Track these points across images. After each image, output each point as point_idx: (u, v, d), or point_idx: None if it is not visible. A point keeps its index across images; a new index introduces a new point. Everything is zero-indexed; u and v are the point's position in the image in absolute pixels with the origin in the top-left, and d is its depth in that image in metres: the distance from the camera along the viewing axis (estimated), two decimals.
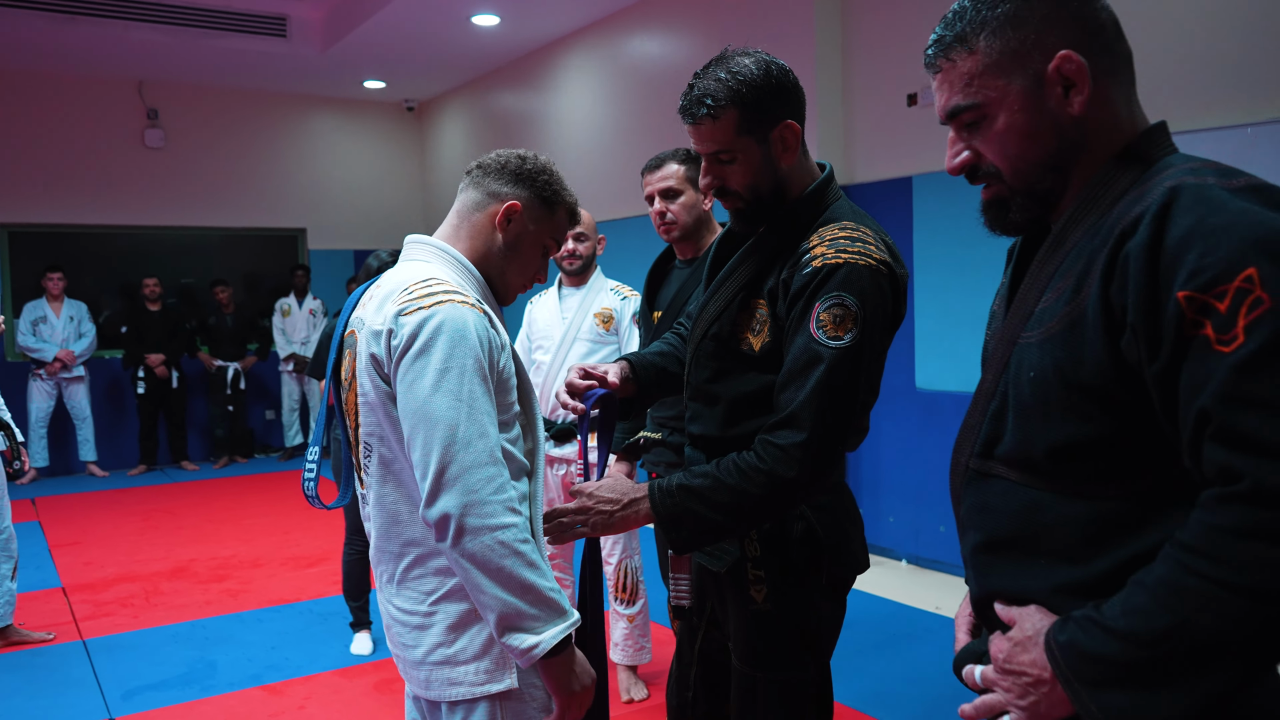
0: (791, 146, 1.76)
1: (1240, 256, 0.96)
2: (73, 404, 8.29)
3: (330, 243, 9.99)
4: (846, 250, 1.67)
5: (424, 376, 1.51)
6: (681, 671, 2.08)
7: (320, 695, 3.71)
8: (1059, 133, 1.17)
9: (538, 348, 3.65)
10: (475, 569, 1.48)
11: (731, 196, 1.78)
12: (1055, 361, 1.11)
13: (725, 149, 1.72)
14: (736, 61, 1.72)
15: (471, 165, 1.77)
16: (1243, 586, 0.95)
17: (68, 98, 8.71)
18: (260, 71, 8.76)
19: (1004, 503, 1.19)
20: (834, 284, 1.63)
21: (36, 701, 3.69)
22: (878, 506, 5.42)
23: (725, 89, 1.69)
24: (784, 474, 1.61)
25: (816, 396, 1.61)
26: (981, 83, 1.17)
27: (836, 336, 1.62)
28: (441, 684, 1.60)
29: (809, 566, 1.81)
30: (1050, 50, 1.14)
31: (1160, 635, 0.99)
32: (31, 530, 6.45)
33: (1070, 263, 1.13)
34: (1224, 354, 0.96)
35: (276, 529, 6.40)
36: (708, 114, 1.69)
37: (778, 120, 1.72)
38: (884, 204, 5.24)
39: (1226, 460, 0.97)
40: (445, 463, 1.48)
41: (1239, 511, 0.96)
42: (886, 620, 4.38)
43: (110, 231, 9.06)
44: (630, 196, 6.60)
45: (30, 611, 4.71)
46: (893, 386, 5.29)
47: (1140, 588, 1.03)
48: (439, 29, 7.45)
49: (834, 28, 5.38)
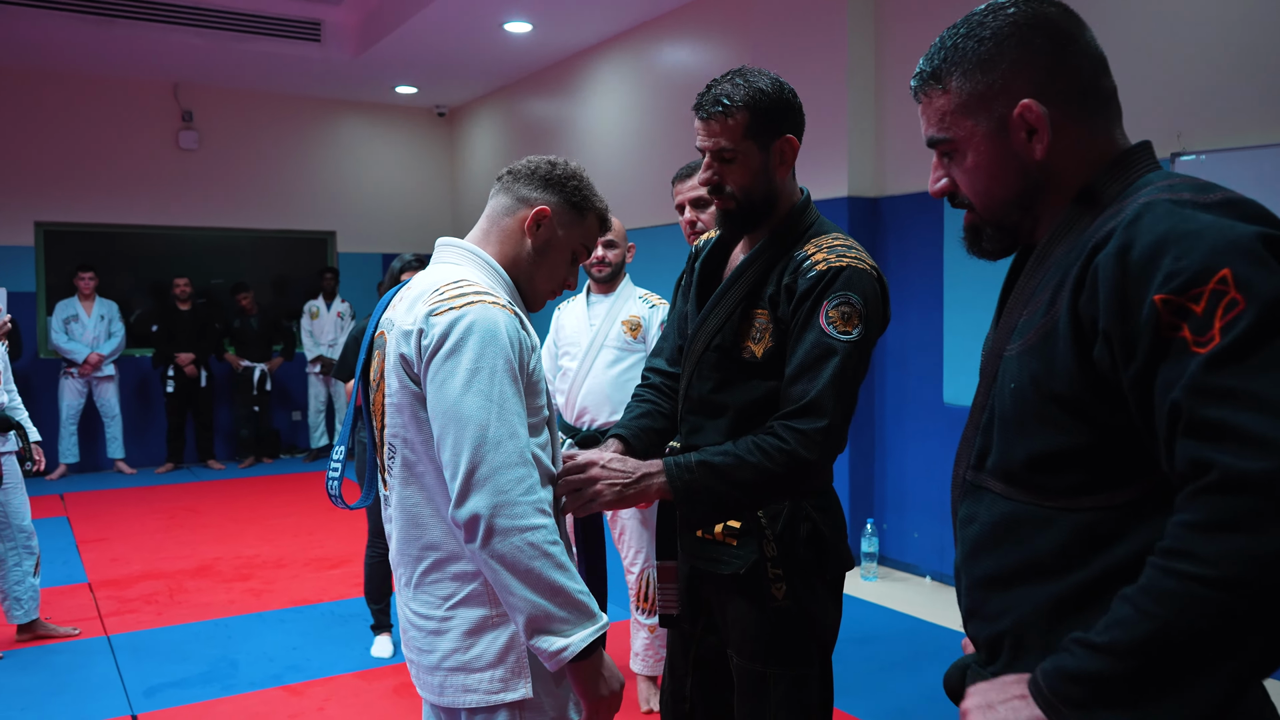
0: (788, 160, 1.89)
1: (1214, 259, 0.97)
2: (102, 402, 8.39)
3: (359, 246, 10.06)
4: (846, 255, 1.81)
5: (455, 376, 1.51)
6: (675, 684, 2.09)
7: (340, 697, 3.72)
8: (1024, 174, 1.20)
9: (564, 354, 3.65)
10: (505, 570, 1.48)
11: (725, 196, 1.88)
12: (1031, 373, 1.13)
13: (730, 148, 1.84)
14: (754, 73, 1.86)
15: (503, 171, 1.78)
16: (1220, 580, 0.93)
17: (104, 99, 8.82)
18: (294, 76, 8.84)
19: (989, 514, 1.19)
20: (840, 285, 1.77)
21: (61, 697, 3.72)
22: (902, 522, 5.38)
23: (741, 93, 1.82)
24: (806, 456, 1.73)
25: (833, 385, 1.74)
26: (953, 120, 1.22)
27: (846, 331, 1.76)
28: (456, 690, 1.59)
29: (816, 565, 1.90)
30: (1015, 96, 1.17)
31: (1142, 642, 0.96)
32: (59, 525, 6.52)
33: (1050, 277, 1.15)
34: (1200, 355, 0.96)
35: (300, 530, 6.43)
36: (722, 111, 1.82)
37: (781, 133, 1.86)
38: (915, 217, 5.21)
39: (1197, 453, 0.96)
40: (475, 463, 1.48)
41: (1210, 503, 0.95)
42: (909, 637, 4.35)
43: (143, 232, 9.17)
44: (660, 205, 6.59)
45: (57, 606, 4.75)
46: (920, 401, 5.25)
47: (1123, 600, 1.00)
48: (471, 36, 7.50)
49: (867, 38, 5.36)
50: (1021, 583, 1.15)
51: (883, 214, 5.40)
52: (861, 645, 4.20)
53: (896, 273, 5.32)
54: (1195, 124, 3.97)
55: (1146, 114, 4.04)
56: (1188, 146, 3.96)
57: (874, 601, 4.84)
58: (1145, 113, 4.05)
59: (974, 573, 1.22)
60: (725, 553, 1.90)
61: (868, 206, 5.38)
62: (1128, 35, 4.15)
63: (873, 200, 5.40)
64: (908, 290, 5.26)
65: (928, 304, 5.17)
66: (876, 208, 5.42)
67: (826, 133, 5.35)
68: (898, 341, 5.34)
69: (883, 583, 5.17)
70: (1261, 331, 0.95)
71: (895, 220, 5.34)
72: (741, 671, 1.91)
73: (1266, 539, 0.91)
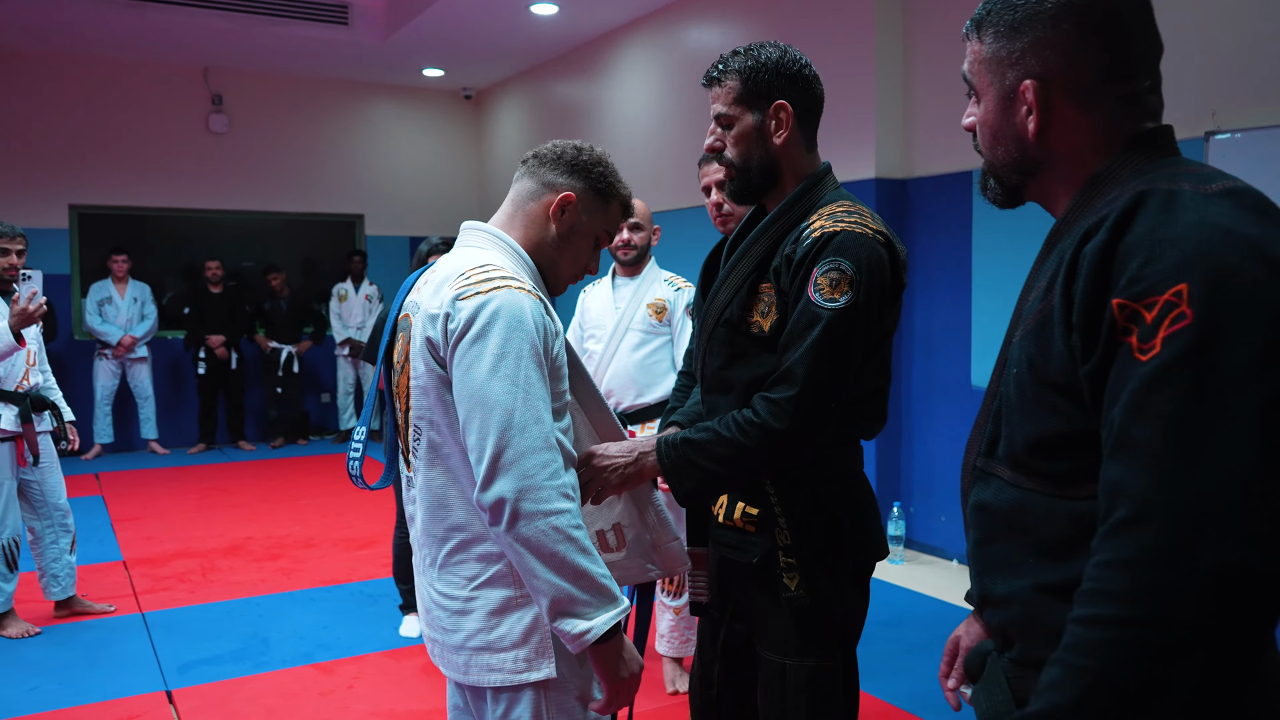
0: (784, 125, 1.86)
1: (1177, 271, 0.96)
2: (135, 383, 8.50)
3: (387, 229, 10.11)
4: (844, 220, 1.77)
5: (481, 361, 1.52)
6: (704, 669, 2.09)
7: (369, 675, 3.77)
8: (1019, 146, 1.21)
9: (590, 337, 3.66)
10: (529, 553, 1.49)
11: (725, 163, 1.91)
12: (1029, 356, 1.13)
13: (725, 113, 1.87)
14: (765, 44, 1.89)
15: (528, 155, 1.78)
16: (1139, 619, 0.92)
17: (136, 83, 8.91)
18: (322, 59, 8.88)
19: (996, 501, 1.19)
20: (831, 250, 1.74)
21: (97, 671, 3.79)
22: (929, 505, 5.37)
23: (736, 60, 1.87)
24: (775, 426, 1.71)
25: (810, 353, 1.70)
26: (977, 70, 1.25)
27: (832, 298, 1.71)
28: (481, 670, 1.61)
29: (835, 555, 1.86)
30: (1025, 72, 1.18)
31: (1080, 700, 0.95)
32: (95, 504, 6.63)
33: (1051, 262, 1.15)
34: (1141, 363, 0.97)
35: (329, 510, 6.50)
36: (717, 77, 1.88)
37: (773, 98, 1.85)
38: (944, 199, 5.17)
39: (1119, 476, 0.97)
40: (501, 447, 1.49)
41: (1126, 538, 0.95)
42: (935, 620, 4.34)
43: (174, 214, 9.26)
44: (687, 187, 6.58)
45: (93, 584, 4.84)
46: (948, 384, 5.23)
47: (1052, 663, 1.00)
48: (498, 18, 7.49)
49: (895, 19, 5.31)
50: (1027, 570, 1.14)
51: (910, 196, 5.36)
52: (888, 629, 4.20)
53: (924, 255, 5.28)
54: (1230, 102, 3.91)
55: (1181, 92, 3.98)
56: (1223, 125, 3.90)
57: (901, 585, 4.84)
58: (1179, 91, 3.98)
59: (983, 560, 1.22)
60: (745, 540, 1.89)
61: (896, 188, 5.35)
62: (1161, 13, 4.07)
63: (901, 182, 5.36)
64: (936, 272, 5.23)
65: (956, 286, 5.14)
66: (904, 189, 5.38)
67: (854, 114, 5.31)
68: (925, 324, 5.31)
69: (909, 566, 5.16)
70: (1199, 350, 0.94)
71: (923, 202, 5.30)
72: (763, 662, 1.91)
73: (1175, 571, 0.91)
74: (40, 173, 8.55)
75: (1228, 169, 3.52)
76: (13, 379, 4.08)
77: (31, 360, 4.17)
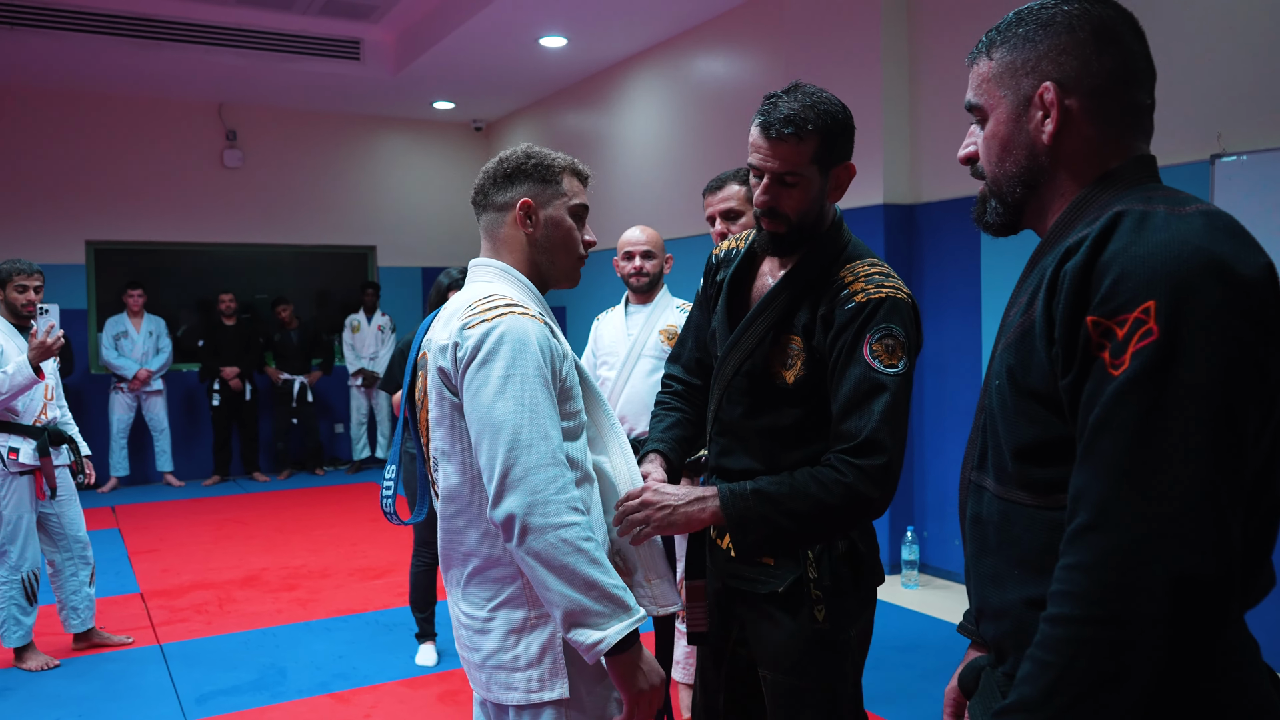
0: (842, 185, 1.85)
1: (1146, 289, 1.01)
2: (151, 416, 8.56)
3: (399, 260, 10.19)
4: (885, 285, 1.79)
5: (488, 384, 1.58)
6: (708, 698, 2.09)
7: (386, 704, 3.77)
8: (1030, 154, 1.23)
9: (603, 364, 3.69)
10: (540, 566, 1.54)
11: (780, 219, 1.83)
12: (1009, 367, 1.17)
13: (794, 171, 1.78)
14: (819, 93, 1.80)
15: (471, 197, 1.82)
16: (1103, 618, 0.99)
17: (151, 120, 9.04)
18: (334, 93, 9.00)
19: (988, 514, 1.23)
20: (881, 317, 1.75)
21: (116, 703, 3.81)
22: (942, 529, 5.36)
23: (815, 115, 1.76)
24: (867, 492, 1.71)
25: (887, 421, 1.72)
26: (986, 88, 1.26)
27: (892, 365, 1.74)
28: (500, 688, 1.67)
29: (852, 581, 1.90)
30: (1042, 76, 1.20)
31: (1047, 692, 1.02)
32: (112, 537, 6.66)
33: (1032, 279, 1.19)
34: (1112, 377, 1.02)
35: (344, 540, 6.52)
36: (794, 134, 1.75)
37: (844, 158, 1.83)
38: (951, 224, 5.20)
39: (1084, 483, 1.03)
40: (509, 465, 1.55)
41: (1087, 543, 1.01)
42: (949, 645, 4.32)
43: (189, 249, 9.36)
44: (695, 215, 6.63)
45: (111, 615, 4.86)
46: (959, 407, 5.24)
47: (1026, 659, 1.06)
48: (507, 51, 7.59)
49: (901, 46, 5.36)
50: (1016, 582, 1.18)
51: (918, 221, 5.40)
52: (902, 653, 4.18)
53: (933, 279, 5.31)
54: (1236, 125, 3.94)
55: (1187, 115, 4.02)
56: (1228, 147, 3.92)
57: (914, 609, 4.82)
58: (1184, 114, 4.02)
59: (979, 573, 1.25)
60: (761, 572, 1.90)
61: (903, 214, 5.38)
62: (1168, 35, 4.12)
63: (908, 207, 5.40)
64: (945, 296, 5.25)
65: (965, 310, 5.16)
66: (912, 215, 5.41)
67: (861, 140, 5.31)
68: (936, 348, 5.32)
69: (924, 590, 5.15)
70: (1162, 365, 0.99)
71: (931, 227, 5.33)
72: (774, 685, 1.91)
73: (1131, 574, 0.97)
74: (57, 209, 8.66)
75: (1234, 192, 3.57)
76: (31, 413, 4.13)
77: (49, 394, 4.22)
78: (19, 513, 4.11)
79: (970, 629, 1.47)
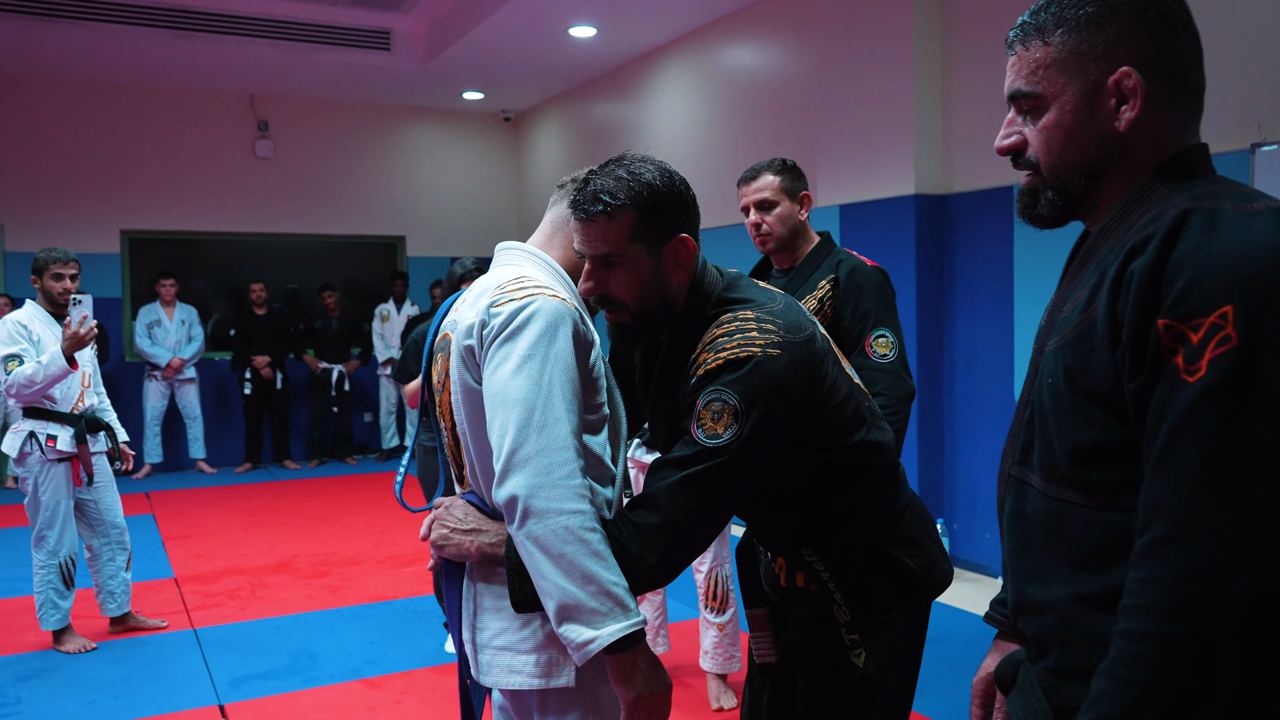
0: (684, 263, 1.68)
1: (1221, 292, 0.98)
2: (184, 404, 8.67)
3: (428, 250, 10.24)
4: (724, 349, 1.60)
5: (508, 361, 1.53)
6: (753, 698, 2.06)
7: (417, 691, 3.80)
8: (1101, 143, 1.18)
9: None
10: (538, 552, 1.46)
11: (615, 306, 1.68)
12: (1066, 367, 1.14)
13: (615, 252, 1.63)
14: (639, 163, 1.66)
15: (565, 179, 1.79)
16: (1187, 634, 0.96)
17: (184, 110, 9.13)
18: (364, 84, 9.04)
19: (1033, 510, 1.20)
20: (717, 382, 1.58)
21: (151, 686, 3.87)
22: (972, 523, 5.32)
23: (625, 189, 1.61)
24: (637, 552, 1.54)
25: (685, 485, 1.55)
26: (1045, 75, 1.19)
27: (715, 433, 1.56)
28: (502, 670, 1.61)
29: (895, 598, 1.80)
30: (1115, 62, 1.16)
31: (1126, 712, 1.00)
32: (146, 523, 6.76)
33: (1090, 275, 1.16)
34: (1187, 384, 0.99)
35: (374, 528, 6.58)
36: (604, 211, 1.60)
37: (673, 233, 1.66)
38: (984, 214, 5.15)
39: (1160, 493, 1.00)
40: (518, 444, 1.48)
41: (1164, 556, 0.98)
42: (979, 638, 4.30)
43: (221, 238, 9.46)
44: (727, 206, 6.61)
45: (146, 600, 4.94)
46: (991, 400, 5.19)
47: (1100, 675, 1.04)
48: (537, 41, 7.59)
49: (933, 35, 5.31)
50: (1062, 580, 1.15)
51: (950, 211, 5.35)
52: (932, 646, 4.14)
53: (965, 270, 5.27)
54: (1277, 113, 3.88)
55: (1227, 104, 3.95)
56: (1269, 137, 3.86)
57: (944, 602, 4.80)
58: (1225, 103, 3.96)
59: (1019, 568, 1.23)
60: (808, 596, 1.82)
61: (935, 204, 5.34)
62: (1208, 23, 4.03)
63: (940, 198, 5.35)
64: (977, 287, 5.21)
65: (998, 301, 5.11)
66: (944, 205, 5.37)
67: (893, 131, 5.31)
68: (967, 340, 5.28)
69: (954, 584, 5.10)
70: (1243, 373, 0.96)
71: (963, 217, 5.28)
72: (806, 695, 1.87)
73: (1212, 589, 0.95)
74: (92, 199, 8.78)
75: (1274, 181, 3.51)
76: (69, 401, 4.19)
77: (86, 382, 4.28)
78: (57, 499, 4.17)
79: (999, 618, 1.45)
